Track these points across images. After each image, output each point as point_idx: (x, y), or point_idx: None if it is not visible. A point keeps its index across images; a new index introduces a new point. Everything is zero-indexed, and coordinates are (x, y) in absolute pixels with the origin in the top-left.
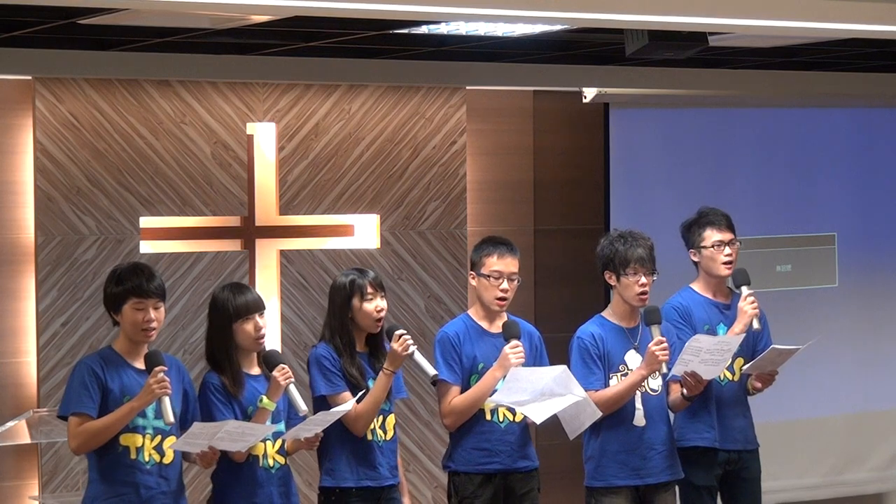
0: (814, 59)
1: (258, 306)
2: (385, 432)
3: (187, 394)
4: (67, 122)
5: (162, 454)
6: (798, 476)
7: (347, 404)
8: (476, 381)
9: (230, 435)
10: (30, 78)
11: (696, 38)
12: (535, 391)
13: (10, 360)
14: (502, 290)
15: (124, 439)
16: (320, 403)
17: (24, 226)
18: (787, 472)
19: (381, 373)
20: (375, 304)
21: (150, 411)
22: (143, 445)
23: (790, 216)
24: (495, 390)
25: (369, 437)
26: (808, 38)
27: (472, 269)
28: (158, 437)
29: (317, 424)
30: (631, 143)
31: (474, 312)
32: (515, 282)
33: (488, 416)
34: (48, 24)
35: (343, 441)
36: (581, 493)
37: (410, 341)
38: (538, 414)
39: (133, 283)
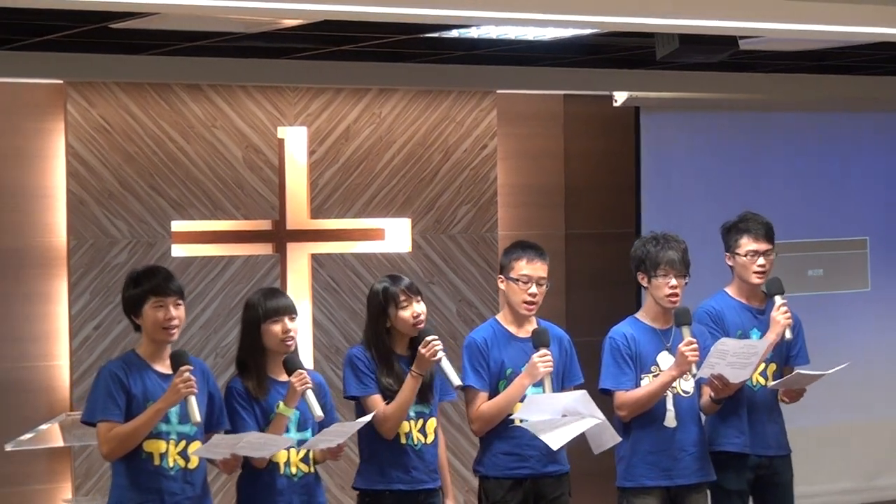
0: (844, 62)
1: (288, 310)
2: (424, 436)
3: (212, 396)
4: (99, 126)
5: (187, 459)
6: (831, 481)
7: (366, 417)
8: (504, 387)
9: (251, 445)
10: (61, 82)
11: (727, 41)
12: (555, 411)
13: (44, 364)
14: (530, 295)
15: (148, 445)
16: (353, 404)
17: (57, 230)
18: (821, 477)
19: (408, 375)
20: (411, 311)
21: (174, 416)
22: (167, 451)
23: (821, 220)
24: (525, 396)
25: (403, 440)
26: (838, 42)
27: (501, 273)
28: (183, 443)
29: (336, 435)
30: (662, 146)
31: (503, 317)
32: (544, 286)
33: (517, 422)
34: (80, 29)
35: (374, 444)
36: (612, 496)
37: (439, 347)
38: (555, 440)
39: (152, 283)
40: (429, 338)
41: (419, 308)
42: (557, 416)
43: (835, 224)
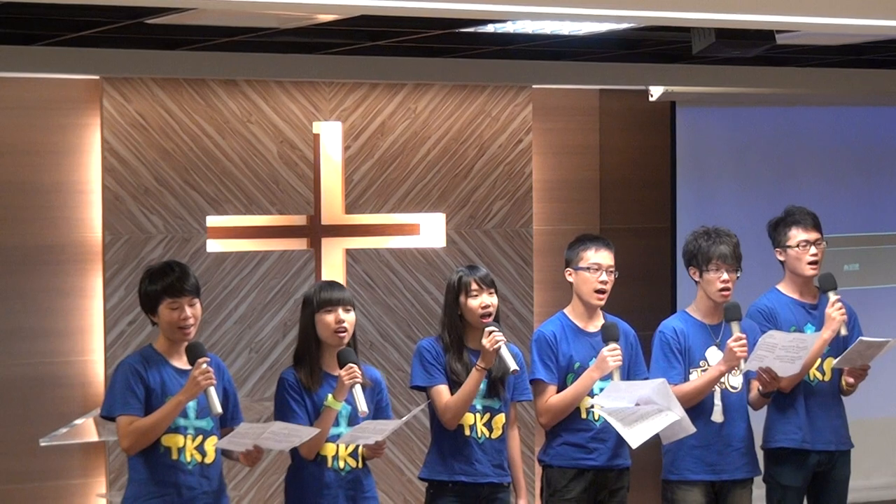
0: (881, 56)
1: (341, 301)
2: (490, 430)
3: (227, 392)
4: (135, 122)
5: (203, 454)
6: (866, 476)
7: (405, 417)
8: (572, 381)
9: (275, 436)
10: (97, 77)
11: (764, 36)
12: (632, 400)
13: (78, 359)
14: (601, 283)
15: (166, 440)
16: (420, 393)
17: (92, 225)
18: (855, 472)
19: (473, 369)
20: (480, 301)
21: (191, 411)
22: (184, 446)
23: (857, 215)
24: (592, 392)
25: (467, 432)
26: (875, 36)
27: (567, 266)
28: (200, 438)
29: (372, 432)
30: (697, 141)
31: (571, 311)
32: (613, 275)
33: (584, 415)
34: (116, 24)
35: (439, 435)
36: (658, 488)
37: (499, 336)
38: (635, 438)
39: (166, 282)
40: (489, 328)
41: (489, 300)
42: (633, 404)
43: (870, 219)
